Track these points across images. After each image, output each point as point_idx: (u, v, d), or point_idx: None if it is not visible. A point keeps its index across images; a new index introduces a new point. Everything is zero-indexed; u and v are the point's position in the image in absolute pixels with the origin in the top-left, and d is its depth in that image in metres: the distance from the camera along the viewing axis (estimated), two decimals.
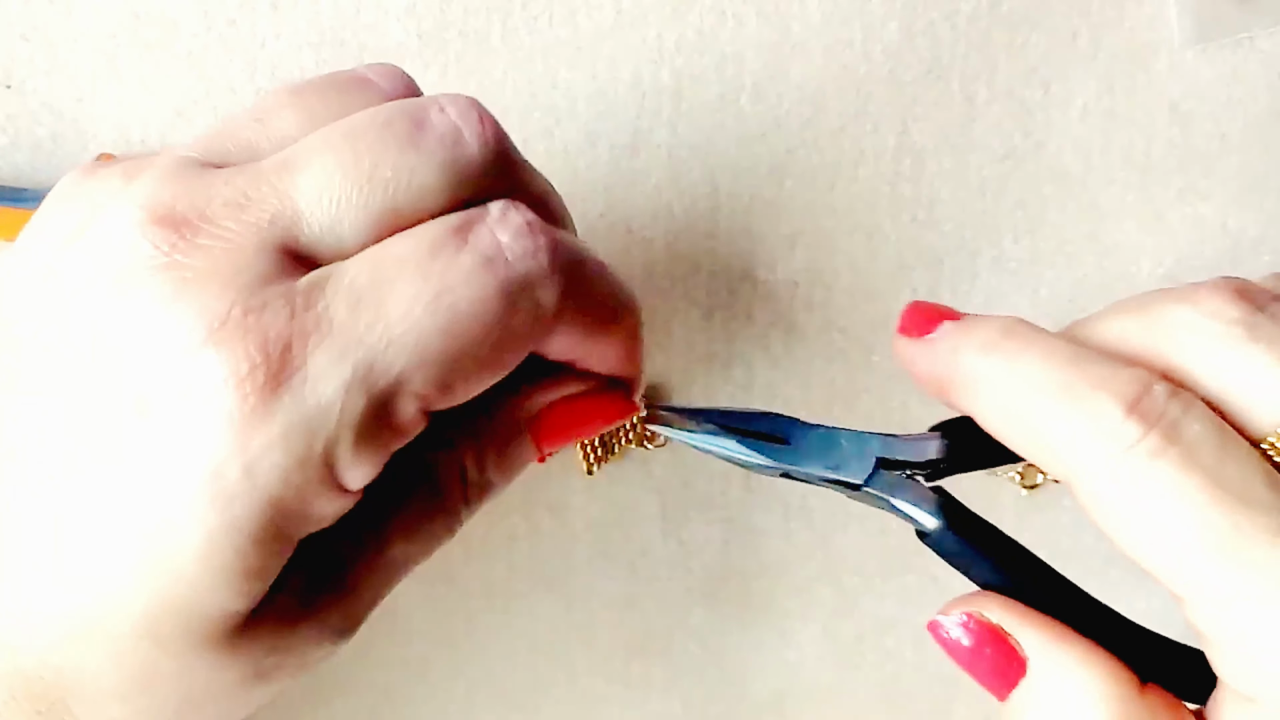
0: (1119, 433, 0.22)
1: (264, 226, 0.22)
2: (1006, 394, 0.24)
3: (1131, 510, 0.22)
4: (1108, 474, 0.23)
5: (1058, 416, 0.23)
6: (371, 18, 0.35)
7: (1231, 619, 0.22)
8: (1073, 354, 0.24)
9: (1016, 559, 0.26)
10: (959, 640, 0.25)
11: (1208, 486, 0.22)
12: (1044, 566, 0.26)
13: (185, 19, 0.34)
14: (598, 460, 0.37)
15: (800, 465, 0.26)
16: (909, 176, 0.37)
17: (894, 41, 0.36)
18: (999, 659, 0.25)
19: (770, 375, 0.38)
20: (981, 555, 0.26)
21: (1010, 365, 0.24)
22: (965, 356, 0.25)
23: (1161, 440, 0.22)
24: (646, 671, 0.40)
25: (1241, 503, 0.22)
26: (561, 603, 0.39)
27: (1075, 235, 0.37)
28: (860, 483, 0.26)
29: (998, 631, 0.25)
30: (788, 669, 0.40)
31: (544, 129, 0.36)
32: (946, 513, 0.26)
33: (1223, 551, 0.22)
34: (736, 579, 0.39)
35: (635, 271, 0.37)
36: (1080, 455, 0.23)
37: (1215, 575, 0.22)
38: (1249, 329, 0.23)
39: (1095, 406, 0.23)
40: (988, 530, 0.26)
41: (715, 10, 0.36)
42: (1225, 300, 0.24)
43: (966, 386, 0.25)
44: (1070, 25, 0.36)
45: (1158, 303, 0.25)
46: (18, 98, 0.35)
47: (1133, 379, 0.23)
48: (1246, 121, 0.37)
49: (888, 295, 0.38)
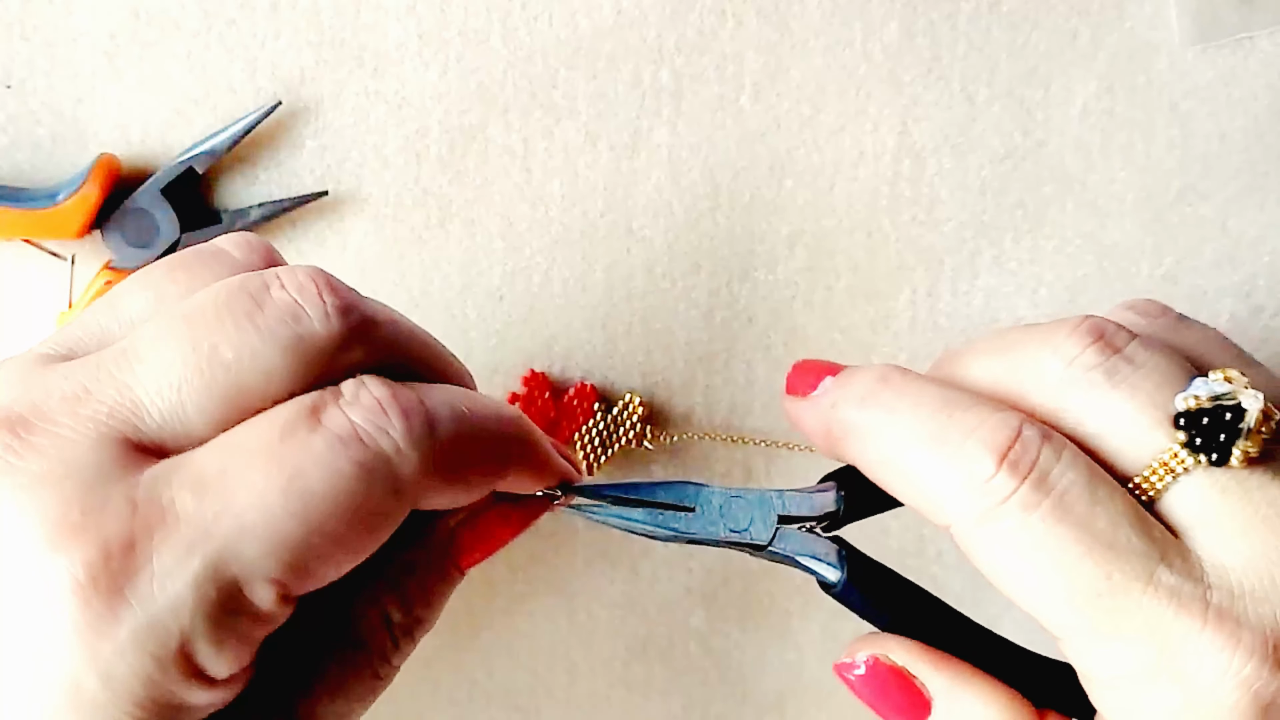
0: (990, 487, 0.23)
1: (102, 420, 0.21)
2: (883, 445, 0.25)
3: (1006, 561, 0.23)
4: (982, 527, 0.23)
5: (931, 467, 0.24)
6: (371, 18, 0.35)
7: (1105, 660, 0.23)
8: (943, 400, 0.24)
9: (915, 601, 0.27)
10: (864, 682, 0.26)
11: (1081, 539, 0.22)
12: (943, 606, 0.27)
13: (185, 19, 0.34)
14: (598, 460, 0.37)
15: (705, 531, 0.27)
16: (909, 176, 0.37)
17: (894, 41, 0.36)
18: (904, 699, 0.26)
19: (771, 375, 0.38)
20: (881, 602, 0.27)
21: (885, 416, 0.25)
22: (843, 410, 0.26)
23: (1033, 492, 0.22)
24: (647, 672, 0.40)
25: (1112, 552, 0.22)
26: (562, 603, 0.39)
27: (1075, 235, 0.37)
28: (765, 543, 0.27)
29: (901, 673, 0.26)
30: (788, 669, 0.40)
31: (544, 129, 0.36)
32: (847, 564, 0.27)
33: (1096, 600, 0.22)
34: (736, 579, 0.39)
35: (635, 271, 0.37)
36: (954, 507, 0.23)
37: (1089, 621, 0.22)
38: (1108, 374, 0.24)
39: (966, 457, 0.23)
40: (887, 576, 0.27)
41: (715, 10, 0.36)
42: (1083, 345, 0.24)
43: (847, 438, 0.26)
44: (1070, 25, 0.36)
45: (1019, 346, 0.25)
46: (18, 98, 0.35)
47: (1001, 425, 0.23)
48: (1246, 121, 0.37)
49: (888, 295, 0.38)
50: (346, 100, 0.35)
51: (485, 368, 0.37)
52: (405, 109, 0.35)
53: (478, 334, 0.37)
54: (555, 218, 0.36)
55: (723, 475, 0.38)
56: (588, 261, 0.37)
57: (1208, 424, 0.22)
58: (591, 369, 0.37)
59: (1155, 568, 0.22)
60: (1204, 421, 0.22)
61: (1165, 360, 0.24)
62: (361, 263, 0.36)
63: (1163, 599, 0.22)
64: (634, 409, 0.37)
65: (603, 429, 0.37)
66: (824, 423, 0.26)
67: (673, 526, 0.27)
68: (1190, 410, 0.22)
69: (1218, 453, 0.22)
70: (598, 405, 0.37)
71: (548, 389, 0.37)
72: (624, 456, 0.38)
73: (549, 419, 0.37)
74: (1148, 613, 0.22)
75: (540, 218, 0.36)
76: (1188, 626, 0.22)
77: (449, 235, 0.36)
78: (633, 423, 0.37)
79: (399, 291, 0.36)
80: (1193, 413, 0.22)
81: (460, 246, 0.36)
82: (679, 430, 0.38)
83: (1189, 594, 0.22)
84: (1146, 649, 0.22)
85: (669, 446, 0.38)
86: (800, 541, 0.27)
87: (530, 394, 0.37)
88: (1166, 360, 0.24)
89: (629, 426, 0.37)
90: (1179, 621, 0.22)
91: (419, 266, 0.36)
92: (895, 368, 0.26)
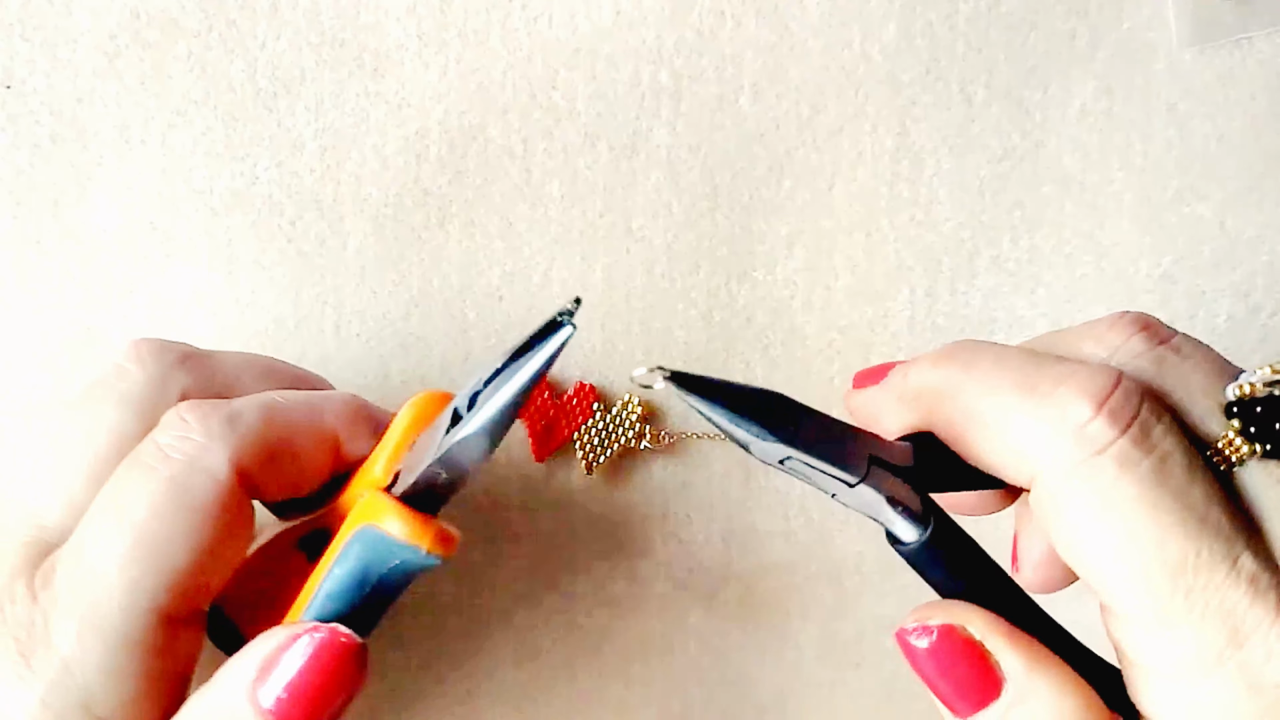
0: (1087, 433, 0.21)
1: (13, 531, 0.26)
2: (964, 397, 0.23)
3: (1090, 519, 0.21)
4: (1071, 480, 0.22)
5: (1019, 414, 0.22)
6: (371, 18, 0.35)
7: (1168, 646, 0.21)
8: (1028, 354, 0.23)
9: (992, 575, 0.24)
10: (932, 653, 0.24)
11: (1175, 508, 0.21)
12: (1016, 586, 0.25)
13: (185, 19, 0.34)
14: (597, 460, 0.37)
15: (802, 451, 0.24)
16: (907, 177, 0.37)
17: (892, 42, 0.36)
18: (974, 677, 0.23)
19: (770, 375, 0.38)
20: (959, 569, 0.24)
21: (963, 371, 0.24)
22: (916, 376, 0.25)
23: (1134, 448, 0.21)
24: (647, 672, 0.40)
25: (1205, 527, 0.21)
26: (562, 603, 0.39)
27: (1073, 235, 0.38)
28: (856, 480, 0.24)
29: (977, 648, 0.23)
30: (788, 669, 0.40)
31: (544, 129, 0.36)
32: (933, 522, 0.24)
33: (1177, 576, 0.21)
34: (736, 579, 0.39)
35: (634, 271, 0.37)
36: (1044, 455, 0.22)
37: (1162, 600, 0.21)
38: (1156, 363, 0.23)
39: (1060, 401, 0.22)
40: (967, 543, 0.25)
41: (714, 11, 0.36)
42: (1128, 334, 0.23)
43: (920, 399, 0.24)
44: (1068, 26, 0.36)
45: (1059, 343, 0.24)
46: (18, 98, 0.35)
47: (1099, 372, 0.22)
48: (1244, 122, 0.37)
49: (887, 295, 0.38)
50: (346, 100, 0.35)
51: None
52: (405, 109, 0.35)
53: (478, 334, 0.37)
54: (555, 218, 0.37)
55: (723, 475, 0.38)
56: (587, 261, 0.37)
57: (1262, 412, 0.21)
58: (591, 369, 0.37)
59: (1241, 552, 0.21)
60: (1258, 410, 0.21)
61: (1209, 351, 0.23)
62: (361, 262, 0.36)
63: (1243, 584, 0.21)
64: (633, 409, 0.37)
65: (602, 429, 0.37)
66: (894, 394, 0.25)
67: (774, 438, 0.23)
68: (1244, 398, 0.22)
69: (1273, 441, 0.21)
70: (597, 405, 0.37)
71: (547, 389, 0.37)
72: (623, 456, 0.38)
73: (548, 419, 0.37)
74: (1225, 596, 0.21)
75: (540, 218, 0.36)
76: (1259, 618, 0.21)
77: (449, 235, 0.36)
78: (632, 423, 0.37)
79: (399, 291, 0.36)
80: (1246, 401, 0.22)
81: (460, 246, 0.36)
82: (678, 430, 0.38)
83: (1266, 584, 0.21)
84: (1216, 636, 0.21)
85: (668, 446, 0.38)
86: (889, 486, 0.24)
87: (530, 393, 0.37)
88: (1210, 352, 0.23)
89: (628, 426, 0.37)
90: (1253, 611, 0.21)
91: (419, 266, 0.36)
92: (966, 340, 0.25)
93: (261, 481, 0.27)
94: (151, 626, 0.25)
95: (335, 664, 0.24)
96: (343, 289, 0.36)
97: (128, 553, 0.24)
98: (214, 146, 0.35)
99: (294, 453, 0.27)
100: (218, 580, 0.26)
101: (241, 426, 0.26)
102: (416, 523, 0.25)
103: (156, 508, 0.25)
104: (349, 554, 0.26)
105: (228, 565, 0.26)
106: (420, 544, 0.25)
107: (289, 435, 0.27)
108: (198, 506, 0.25)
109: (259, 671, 0.24)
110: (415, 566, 0.25)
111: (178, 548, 0.25)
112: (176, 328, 0.36)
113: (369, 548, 0.25)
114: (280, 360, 0.31)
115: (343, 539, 0.26)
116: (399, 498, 0.26)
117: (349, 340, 0.37)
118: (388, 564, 0.25)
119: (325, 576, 0.26)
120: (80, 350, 0.36)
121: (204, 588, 0.26)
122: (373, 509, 0.26)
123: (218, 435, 0.26)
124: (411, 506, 0.25)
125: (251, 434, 0.26)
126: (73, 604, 0.24)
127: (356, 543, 0.26)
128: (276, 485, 0.27)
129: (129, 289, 0.36)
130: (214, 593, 0.27)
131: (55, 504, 0.26)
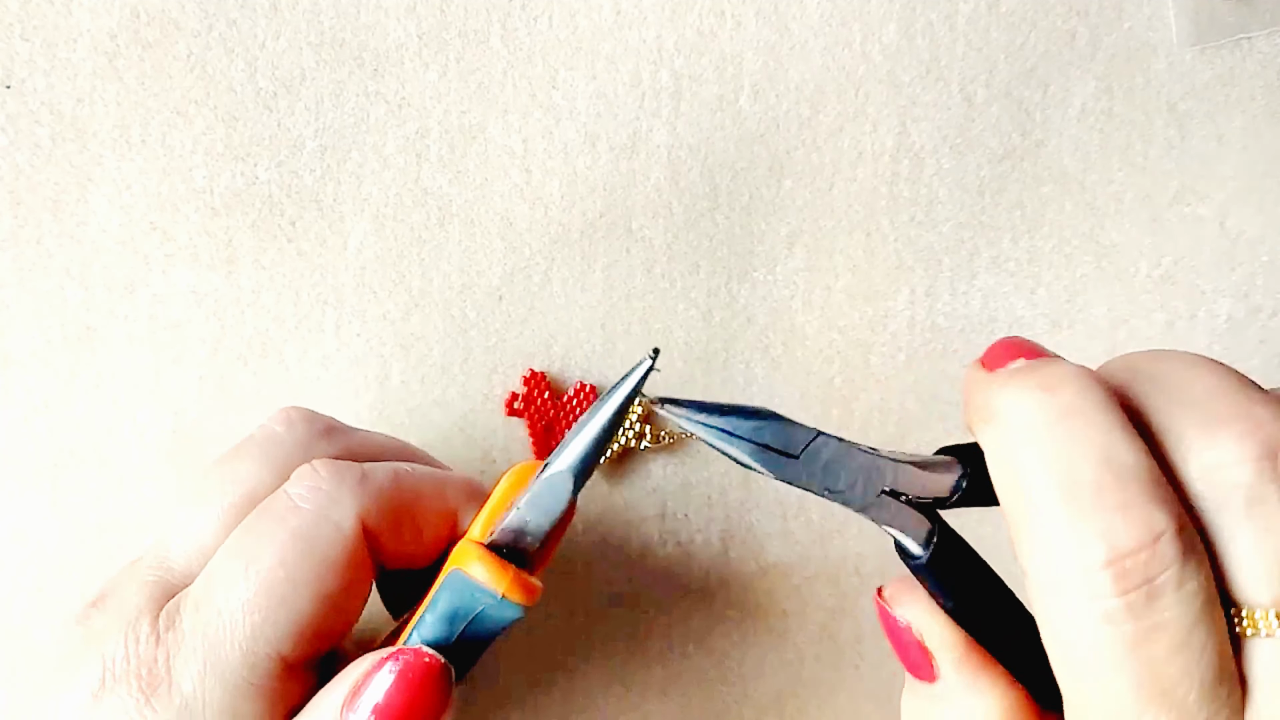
0: (1086, 578, 0.21)
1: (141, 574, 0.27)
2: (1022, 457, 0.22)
3: (1065, 646, 0.22)
4: (1059, 600, 0.22)
5: (1047, 514, 0.22)
6: (371, 18, 0.35)
7: None
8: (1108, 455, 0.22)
9: (986, 593, 0.26)
10: (886, 625, 0.27)
11: (1143, 680, 0.21)
12: (1012, 601, 0.26)
13: (185, 19, 0.34)
14: None
15: (800, 481, 0.25)
16: (907, 177, 0.37)
17: (893, 42, 0.36)
18: (918, 659, 0.26)
19: (770, 375, 0.38)
20: (952, 589, 0.26)
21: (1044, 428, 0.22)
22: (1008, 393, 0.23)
23: (1125, 612, 0.21)
24: (646, 672, 0.40)
25: (1164, 702, 0.21)
26: (561, 603, 0.39)
27: (1073, 235, 0.38)
28: (859, 507, 0.25)
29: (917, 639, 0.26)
30: (787, 669, 0.40)
31: (544, 129, 0.36)
32: (934, 546, 0.25)
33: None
34: (736, 580, 0.39)
35: (634, 271, 0.37)
36: (1041, 567, 0.22)
37: None
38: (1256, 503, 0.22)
39: (1083, 533, 0.21)
40: (968, 563, 0.26)
41: (714, 11, 0.36)
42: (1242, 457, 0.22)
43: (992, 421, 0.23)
44: (1068, 26, 0.36)
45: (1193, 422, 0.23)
46: (18, 98, 0.35)
47: (1139, 524, 0.21)
48: (1244, 122, 0.37)
49: (886, 295, 0.38)
50: (346, 100, 0.35)
51: (485, 368, 0.37)
52: (405, 109, 0.35)
53: (478, 334, 0.37)
54: (555, 218, 0.37)
55: (722, 475, 0.38)
56: (587, 261, 0.37)
57: None
58: (591, 369, 0.37)
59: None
60: None
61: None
62: (361, 263, 0.36)
63: None
64: (633, 409, 0.37)
65: None
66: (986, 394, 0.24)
67: (770, 466, 0.25)
68: None
69: None
70: None
71: (547, 389, 0.37)
72: (623, 456, 0.38)
73: (548, 419, 0.37)
74: None
75: (540, 218, 0.36)
76: None
77: (449, 235, 0.36)
78: (632, 423, 0.37)
79: (399, 291, 0.36)
80: None
81: (460, 246, 0.36)
82: (678, 430, 0.38)
83: None
84: None
85: (668, 446, 0.38)
86: (894, 514, 0.25)
87: (530, 394, 0.37)
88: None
89: (629, 426, 0.37)
90: None
91: (419, 266, 0.36)
92: (1091, 376, 0.23)
93: (384, 543, 0.28)
94: (271, 672, 0.25)
95: (421, 685, 0.25)
96: (343, 289, 0.36)
97: (253, 599, 0.25)
98: (214, 146, 0.35)
99: (416, 520, 0.28)
100: (339, 630, 0.27)
101: (370, 485, 0.27)
102: (496, 567, 0.27)
103: (283, 556, 0.26)
104: (439, 598, 0.27)
105: (349, 617, 0.27)
106: (497, 587, 0.26)
107: (413, 501, 0.28)
108: (323, 557, 0.26)
109: (348, 696, 0.25)
110: (499, 615, 0.27)
111: (302, 596, 0.26)
112: (176, 328, 0.36)
113: (455, 591, 0.27)
114: (415, 446, 0.32)
115: (436, 584, 0.28)
116: (485, 544, 0.27)
117: (349, 340, 0.37)
118: (472, 610, 0.27)
119: (418, 620, 0.27)
120: (80, 350, 0.36)
121: (325, 636, 0.27)
122: (461, 555, 0.27)
123: (347, 490, 0.27)
124: (498, 555, 0.27)
125: (379, 494, 0.27)
126: (196, 645, 0.25)
127: (446, 588, 0.27)
128: (397, 548, 0.28)
129: (129, 289, 0.36)
130: (334, 642, 0.27)
131: (184, 547, 0.27)
